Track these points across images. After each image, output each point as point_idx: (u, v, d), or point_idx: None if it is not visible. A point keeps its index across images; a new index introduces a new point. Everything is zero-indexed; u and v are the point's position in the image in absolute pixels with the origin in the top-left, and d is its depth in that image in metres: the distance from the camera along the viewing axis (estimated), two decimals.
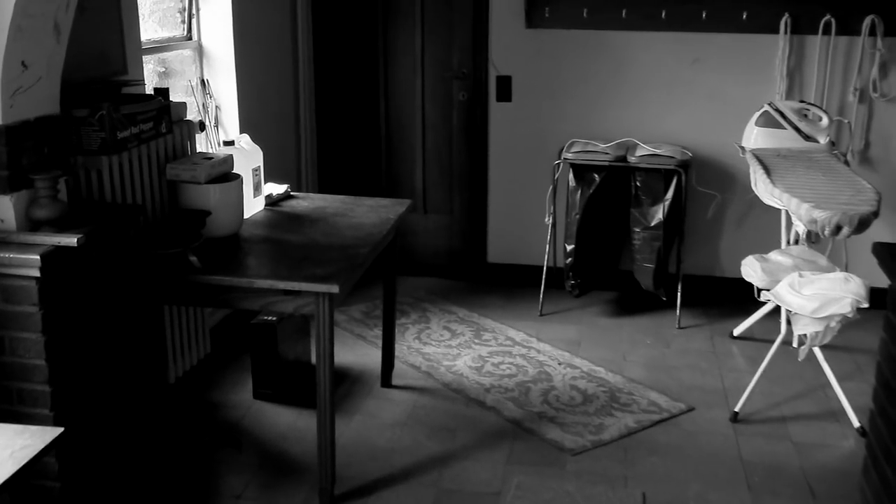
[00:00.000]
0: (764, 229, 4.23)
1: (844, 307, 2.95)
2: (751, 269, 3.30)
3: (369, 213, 3.18)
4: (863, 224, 2.72)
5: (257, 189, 3.20)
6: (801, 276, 3.13)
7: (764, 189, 3.18)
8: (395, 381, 3.51)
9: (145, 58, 3.33)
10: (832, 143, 3.81)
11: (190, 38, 3.77)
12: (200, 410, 3.27)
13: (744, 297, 4.11)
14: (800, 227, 3.15)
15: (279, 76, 4.23)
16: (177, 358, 3.21)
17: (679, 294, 4.15)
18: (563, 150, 4.21)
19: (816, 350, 3.29)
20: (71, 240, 2.16)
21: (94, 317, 2.33)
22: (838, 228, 2.73)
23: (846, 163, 3.75)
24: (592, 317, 4.24)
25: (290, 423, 3.18)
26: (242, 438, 3.08)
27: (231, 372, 3.56)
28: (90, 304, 2.32)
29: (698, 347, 3.90)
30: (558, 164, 4.21)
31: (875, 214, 2.78)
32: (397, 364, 3.63)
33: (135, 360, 2.56)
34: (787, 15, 4.04)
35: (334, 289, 2.46)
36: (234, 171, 3.02)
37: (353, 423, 3.20)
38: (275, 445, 3.05)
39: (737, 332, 3.99)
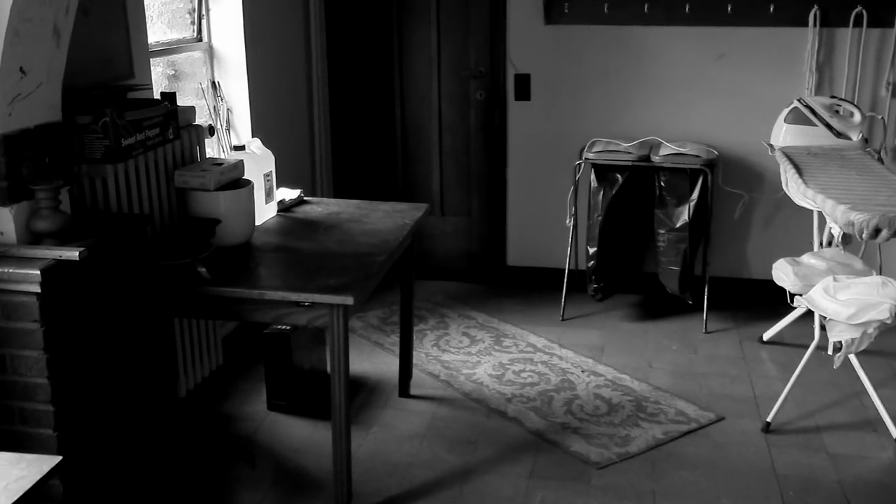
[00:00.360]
0: (794, 230, 4.09)
1: (882, 313, 2.82)
2: (783, 273, 3.17)
3: (385, 218, 3.08)
4: None
5: (269, 195, 3.10)
6: (835, 280, 3.00)
7: (796, 190, 3.05)
8: (413, 391, 3.41)
9: (154, 60, 3.24)
10: (865, 140, 3.67)
11: (200, 40, 3.68)
12: (213, 424, 3.18)
13: (773, 300, 3.95)
14: (835, 230, 3.02)
15: (292, 78, 4.13)
16: (188, 370, 3.13)
17: (706, 297, 4.02)
18: (584, 149, 4.09)
19: (852, 356, 3.16)
20: (73, 253, 2.06)
21: (98, 332, 2.24)
22: (877, 231, 2.60)
23: (880, 160, 3.61)
24: (616, 321, 4.12)
25: (306, 436, 3.08)
26: (256, 452, 2.98)
27: (244, 383, 3.46)
28: (94, 319, 2.22)
29: (727, 353, 3.77)
30: (579, 164, 4.09)
31: None
32: (415, 372, 3.52)
33: (143, 374, 2.47)
34: (816, 7, 3.90)
35: (349, 300, 2.36)
36: (244, 176, 2.92)
37: (370, 435, 3.10)
38: (289, 459, 2.95)
39: (766, 336, 3.86)
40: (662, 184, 3.98)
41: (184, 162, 2.97)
